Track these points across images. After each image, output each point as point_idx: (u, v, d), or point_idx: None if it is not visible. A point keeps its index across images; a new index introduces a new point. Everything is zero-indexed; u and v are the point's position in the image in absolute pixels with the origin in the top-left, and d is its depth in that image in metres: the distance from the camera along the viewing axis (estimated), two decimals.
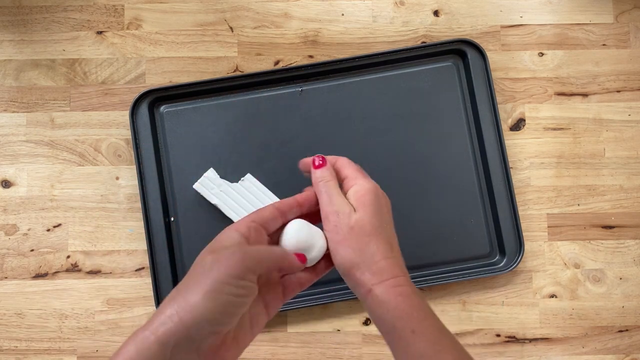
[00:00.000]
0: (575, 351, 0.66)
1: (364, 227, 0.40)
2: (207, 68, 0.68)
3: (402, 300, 0.38)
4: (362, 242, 0.39)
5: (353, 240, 0.40)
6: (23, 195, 0.67)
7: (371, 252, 0.39)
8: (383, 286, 0.39)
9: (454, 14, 0.69)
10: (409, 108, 0.67)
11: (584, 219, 0.67)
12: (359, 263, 0.39)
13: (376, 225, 0.40)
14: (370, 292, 0.39)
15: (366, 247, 0.39)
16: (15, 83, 0.68)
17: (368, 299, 0.39)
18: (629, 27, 0.69)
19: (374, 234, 0.40)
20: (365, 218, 0.40)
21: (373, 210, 0.41)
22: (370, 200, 0.41)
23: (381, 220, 0.41)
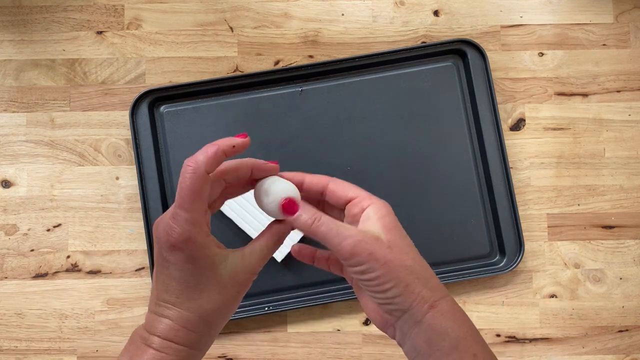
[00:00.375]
0: (575, 351, 0.66)
1: (402, 247, 0.36)
2: (207, 68, 0.68)
3: (466, 321, 0.36)
4: (407, 260, 0.36)
5: (396, 261, 0.35)
6: (23, 195, 0.67)
7: (420, 270, 0.36)
8: (447, 302, 0.36)
9: (454, 14, 0.69)
10: (409, 108, 0.67)
11: (584, 219, 0.67)
12: (413, 280, 0.35)
13: (408, 243, 0.37)
14: (434, 307, 0.35)
15: (413, 264, 0.36)
16: (15, 83, 0.68)
17: (429, 315, 0.35)
18: (629, 27, 0.69)
19: (413, 252, 0.37)
20: (396, 238, 0.36)
21: (399, 229, 0.37)
22: (394, 221, 0.37)
23: (407, 236, 0.38)
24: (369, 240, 0.35)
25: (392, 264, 0.35)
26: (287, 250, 0.63)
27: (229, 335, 0.66)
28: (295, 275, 0.65)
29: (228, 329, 0.66)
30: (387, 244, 0.35)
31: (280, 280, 0.65)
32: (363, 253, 0.34)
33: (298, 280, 0.65)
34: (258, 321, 0.66)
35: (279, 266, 0.65)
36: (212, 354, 0.65)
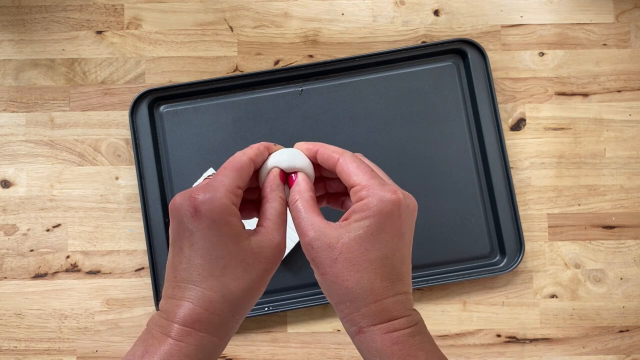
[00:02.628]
0: (576, 351, 0.66)
1: (352, 263, 0.32)
2: (206, 68, 0.68)
3: (398, 350, 0.32)
4: (347, 281, 0.33)
5: (332, 277, 0.33)
6: (22, 195, 0.67)
7: (362, 290, 0.32)
8: (376, 330, 0.33)
9: (455, 14, 0.69)
10: (409, 108, 0.67)
11: (584, 219, 0.67)
12: (345, 301, 0.33)
13: (372, 258, 0.33)
14: (360, 333, 0.33)
15: (353, 285, 0.32)
16: (15, 83, 0.68)
17: (356, 340, 0.34)
18: (629, 27, 0.69)
19: (368, 269, 0.32)
20: (354, 250, 0.32)
21: (374, 238, 0.33)
22: (376, 226, 0.33)
23: (386, 247, 0.33)
24: (317, 247, 0.33)
25: (327, 279, 0.33)
26: (287, 250, 0.63)
27: None
28: (295, 276, 0.65)
29: None
30: (334, 256, 0.33)
31: (280, 280, 0.65)
32: (308, 256, 0.34)
33: (298, 280, 0.65)
34: (258, 321, 0.66)
35: (279, 266, 0.65)
36: None
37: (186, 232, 0.33)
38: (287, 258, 0.64)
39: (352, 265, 0.32)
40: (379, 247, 0.33)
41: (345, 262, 0.32)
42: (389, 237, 0.33)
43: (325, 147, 0.37)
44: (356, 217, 0.33)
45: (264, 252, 0.34)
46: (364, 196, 0.33)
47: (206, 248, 0.32)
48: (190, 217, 0.32)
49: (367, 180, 0.34)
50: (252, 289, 0.34)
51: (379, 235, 0.33)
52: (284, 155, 0.37)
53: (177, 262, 0.33)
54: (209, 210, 0.32)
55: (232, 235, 0.32)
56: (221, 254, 0.32)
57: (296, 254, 0.64)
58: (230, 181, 0.33)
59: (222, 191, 0.32)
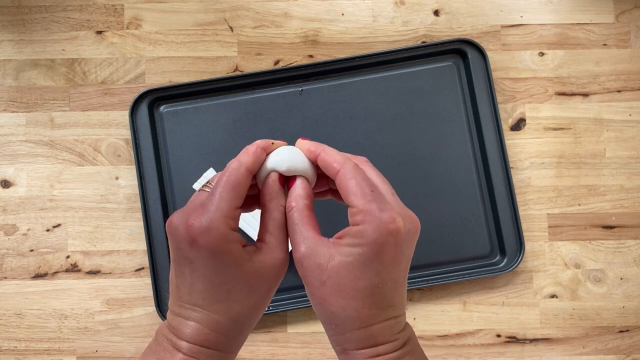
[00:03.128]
0: (576, 351, 0.66)
1: (339, 289, 0.31)
2: (206, 68, 0.68)
3: None
4: (333, 305, 0.32)
5: (319, 299, 0.32)
6: (22, 195, 0.67)
7: (347, 317, 0.31)
8: (359, 355, 0.32)
9: (454, 14, 0.69)
10: (409, 108, 0.67)
11: (584, 219, 0.67)
12: (330, 323, 0.32)
13: (361, 287, 0.31)
14: (344, 353, 0.33)
15: (339, 311, 0.31)
16: (15, 83, 0.68)
17: (341, 357, 0.33)
18: (629, 27, 0.69)
19: (355, 297, 0.31)
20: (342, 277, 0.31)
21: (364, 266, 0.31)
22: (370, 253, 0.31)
23: (377, 277, 0.31)
24: (307, 266, 0.32)
25: (314, 299, 0.32)
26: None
27: None
28: (295, 276, 0.65)
29: None
30: (322, 279, 0.31)
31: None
32: (299, 271, 0.33)
33: (298, 280, 0.65)
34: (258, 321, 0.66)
35: None
36: None
37: (186, 260, 0.32)
38: None
39: (340, 292, 0.31)
40: (370, 276, 0.31)
41: (333, 287, 0.31)
42: (381, 267, 0.31)
43: (327, 153, 0.34)
44: (349, 241, 0.31)
45: (268, 271, 0.33)
46: (359, 221, 0.31)
47: (207, 275, 0.32)
48: (188, 247, 0.31)
49: (365, 203, 0.31)
50: (257, 308, 0.34)
51: (370, 265, 0.31)
52: (283, 158, 0.35)
53: (180, 283, 0.33)
54: (207, 241, 0.31)
55: (233, 262, 0.32)
56: (223, 280, 0.32)
57: None
58: (228, 204, 0.31)
59: (220, 218, 0.31)
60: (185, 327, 0.32)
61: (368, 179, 0.33)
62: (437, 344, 0.66)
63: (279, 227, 0.34)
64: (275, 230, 0.34)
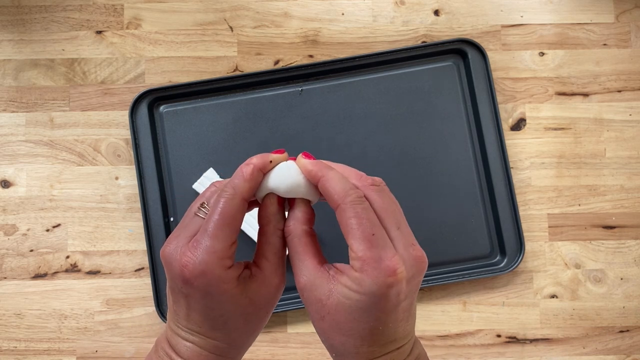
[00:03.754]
0: (576, 352, 0.66)
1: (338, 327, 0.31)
2: (206, 68, 0.68)
3: None
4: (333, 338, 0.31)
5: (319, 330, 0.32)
6: (22, 195, 0.67)
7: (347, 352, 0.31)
8: None
9: (455, 14, 0.69)
10: (409, 108, 0.67)
11: (584, 219, 0.67)
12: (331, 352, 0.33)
13: (360, 328, 0.30)
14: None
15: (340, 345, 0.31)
16: (15, 83, 0.68)
17: None
18: (629, 27, 0.69)
19: (354, 336, 0.31)
20: (341, 317, 0.30)
21: (362, 311, 0.30)
22: (368, 302, 0.29)
23: (376, 321, 0.30)
24: (308, 298, 0.31)
25: (316, 327, 0.32)
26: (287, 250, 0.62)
27: None
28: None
29: None
30: (322, 314, 0.31)
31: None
32: (300, 297, 0.32)
33: None
34: None
35: None
36: None
37: (180, 292, 0.31)
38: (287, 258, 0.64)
39: (339, 329, 0.30)
40: (368, 320, 0.30)
41: (332, 323, 0.30)
42: (381, 314, 0.30)
43: (328, 180, 0.31)
44: (348, 283, 0.30)
45: (263, 299, 0.33)
46: (357, 269, 0.29)
47: (202, 310, 0.31)
48: (182, 284, 0.31)
49: (364, 250, 0.29)
50: (255, 331, 0.34)
51: (369, 311, 0.30)
52: (283, 180, 0.33)
53: (177, 308, 0.32)
54: (201, 283, 0.30)
55: (227, 299, 0.31)
56: (219, 313, 0.31)
57: None
58: (222, 245, 0.30)
59: (214, 261, 0.30)
60: (184, 348, 0.32)
61: (371, 217, 0.30)
62: (437, 344, 0.66)
63: (274, 252, 0.33)
64: (271, 255, 0.33)
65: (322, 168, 0.32)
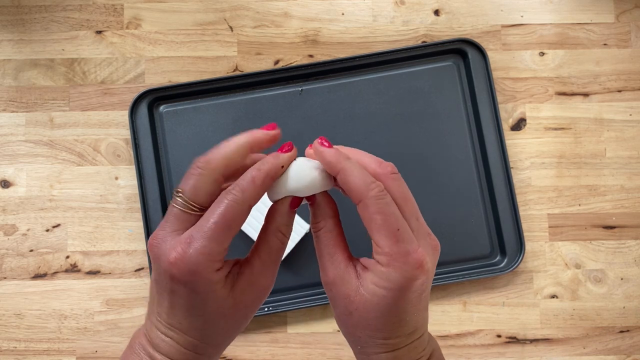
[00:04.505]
0: (576, 352, 0.66)
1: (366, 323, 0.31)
2: (206, 68, 0.68)
3: None
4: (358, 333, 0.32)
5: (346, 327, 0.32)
6: (22, 195, 0.67)
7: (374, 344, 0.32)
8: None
9: (455, 14, 0.69)
10: (409, 108, 0.67)
11: (585, 219, 0.67)
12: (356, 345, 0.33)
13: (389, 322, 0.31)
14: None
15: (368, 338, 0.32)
16: (14, 83, 0.68)
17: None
18: (630, 27, 0.69)
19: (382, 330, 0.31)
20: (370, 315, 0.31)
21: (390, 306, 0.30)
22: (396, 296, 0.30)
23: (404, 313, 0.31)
24: (336, 293, 0.32)
25: (341, 323, 0.33)
26: (287, 250, 0.62)
27: None
28: (295, 276, 0.65)
29: None
30: (350, 309, 0.31)
31: (280, 280, 0.65)
32: (327, 293, 0.33)
33: (298, 280, 0.65)
34: (258, 322, 0.66)
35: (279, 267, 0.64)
36: None
37: (165, 287, 0.31)
38: (287, 258, 0.64)
39: (367, 324, 0.31)
40: (397, 313, 0.31)
41: (360, 319, 0.31)
42: (407, 305, 0.31)
43: (348, 174, 0.31)
44: (375, 280, 0.30)
45: (248, 300, 0.32)
46: (384, 264, 0.30)
47: (186, 307, 0.31)
48: (168, 280, 0.30)
49: (391, 246, 0.30)
50: (235, 332, 0.33)
51: (396, 305, 0.30)
52: (301, 182, 0.32)
53: (160, 302, 0.32)
54: (189, 282, 0.29)
55: (213, 299, 0.31)
56: (201, 312, 0.31)
57: (296, 254, 0.64)
58: (218, 248, 0.29)
59: (206, 263, 0.29)
60: (163, 343, 0.31)
61: (395, 211, 0.30)
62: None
63: (269, 251, 0.33)
64: (265, 254, 0.33)
65: (341, 159, 0.32)
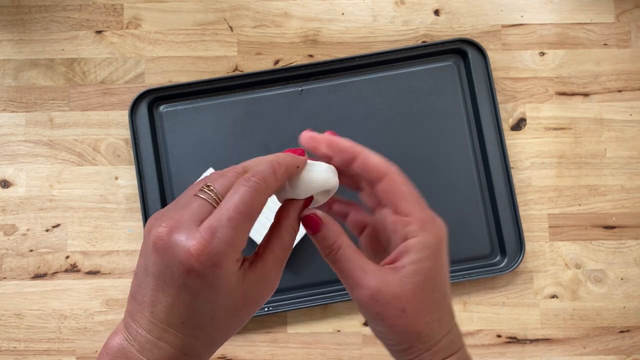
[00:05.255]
0: (577, 352, 0.66)
1: (420, 308, 0.31)
2: (206, 67, 0.68)
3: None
4: (419, 325, 0.31)
5: (404, 327, 0.31)
6: (22, 195, 0.67)
7: (432, 331, 0.32)
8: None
9: (455, 14, 0.69)
10: (409, 108, 0.67)
11: (585, 219, 0.67)
12: (417, 344, 0.32)
13: (438, 298, 0.32)
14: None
15: (425, 328, 0.31)
16: (14, 83, 0.68)
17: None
18: (630, 27, 0.69)
19: (436, 310, 0.31)
20: (419, 295, 0.31)
21: (434, 279, 0.31)
22: (432, 267, 0.31)
23: (444, 283, 0.32)
24: (383, 300, 0.31)
25: (398, 329, 0.31)
26: None
27: None
28: (295, 276, 0.65)
29: None
30: (402, 306, 0.31)
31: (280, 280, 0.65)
32: (372, 310, 0.31)
33: (298, 280, 0.65)
34: (258, 322, 0.65)
35: None
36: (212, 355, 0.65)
37: (173, 280, 0.27)
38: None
39: (422, 311, 0.31)
40: (441, 284, 0.32)
41: (415, 310, 0.31)
42: (445, 272, 0.32)
43: (367, 156, 0.33)
44: (414, 257, 0.31)
45: (257, 295, 0.31)
46: (417, 232, 0.31)
47: (193, 302, 0.28)
48: (183, 273, 0.27)
49: (420, 211, 0.31)
50: (233, 332, 0.31)
51: (439, 274, 0.31)
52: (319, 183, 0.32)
53: (157, 298, 0.28)
54: (209, 275, 0.27)
55: (226, 292, 0.28)
56: (210, 307, 0.28)
57: (296, 254, 0.64)
58: (241, 237, 0.28)
59: (230, 255, 0.28)
60: (155, 348, 0.28)
61: (412, 186, 0.32)
62: None
63: (282, 247, 0.32)
64: (279, 250, 0.32)
65: (356, 145, 0.34)
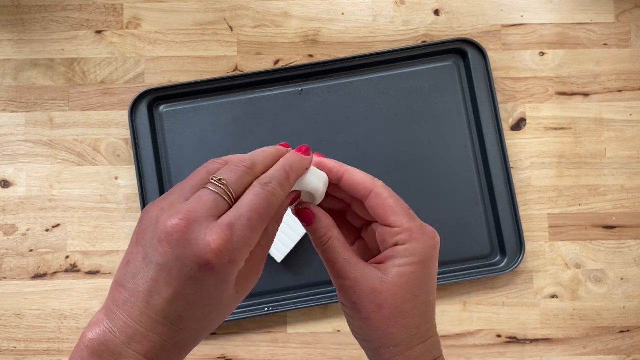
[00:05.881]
0: (577, 352, 0.66)
1: (399, 310, 0.32)
2: (206, 67, 0.68)
3: None
4: (393, 327, 0.32)
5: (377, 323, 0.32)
6: (22, 195, 0.67)
7: (408, 336, 0.32)
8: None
9: (455, 14, 0.69)
10: (409, 108, 0.67)
11: (585, 219, 0.67)
12: (389, 346, 0.32)
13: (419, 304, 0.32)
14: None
15: (399, 331, 0.32)
16: (14, 83, 0.68)
17: None
18: (630, 27, 0.69)
19: (416, 315, 0.32)
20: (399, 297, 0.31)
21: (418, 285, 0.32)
22: (418, 273, 0.32)
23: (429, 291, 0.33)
24: (361, 291, 0.32)
25: (372, 324, 0.32)
26: (287, 250, 0.62)
27: (228, 336, 0.65)
28: (295, 276, 0.65)
29: (228, 329, 0.65)
30: (379, 302, 0.31)
31: (280, 280, 0.65)
32: (349, 299, 0.32)
33: (298, 280, 0.65)
34: (258, 322, 0.65)
35: (279, 267, 0.65)
36: (212, 355, 0.65)
37: (182, 273, 0.27)
38: (287, 258, 0.64)
39: (400, 312, 0.32)
40: (425, 291, 0.32)
41: (392, 309, 0.32)
42: (431, 281, 0.33)
43: (352, 174, 0.34)
44: (399, 262, 0.32)
45: (247, 288, 0.31)
46: (405, 240, 0.32)
47: (198, 296, 0.28)
48: (196, 267, 0.27)
49: (409, 222, 0.33)
50: (216, 325, 0.31)
51: (423, 281, 0.32)
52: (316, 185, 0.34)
53: (156, 291, 0.27)
54: (223, 272, 0.27)
55: (229, 289, 0.29)
56: (210, 302, 0.29)
57: (296, 254, 0.64)
58: (256, 238, 0.29)
59: (245, 254, 0.28)
60: (144, 340, 0.28)
61: (399, 197, 0.34)
62: None
63: (268, 240, 0.32)
64: (264, 242, 0.31)
65: (342, 165, 0.35)
